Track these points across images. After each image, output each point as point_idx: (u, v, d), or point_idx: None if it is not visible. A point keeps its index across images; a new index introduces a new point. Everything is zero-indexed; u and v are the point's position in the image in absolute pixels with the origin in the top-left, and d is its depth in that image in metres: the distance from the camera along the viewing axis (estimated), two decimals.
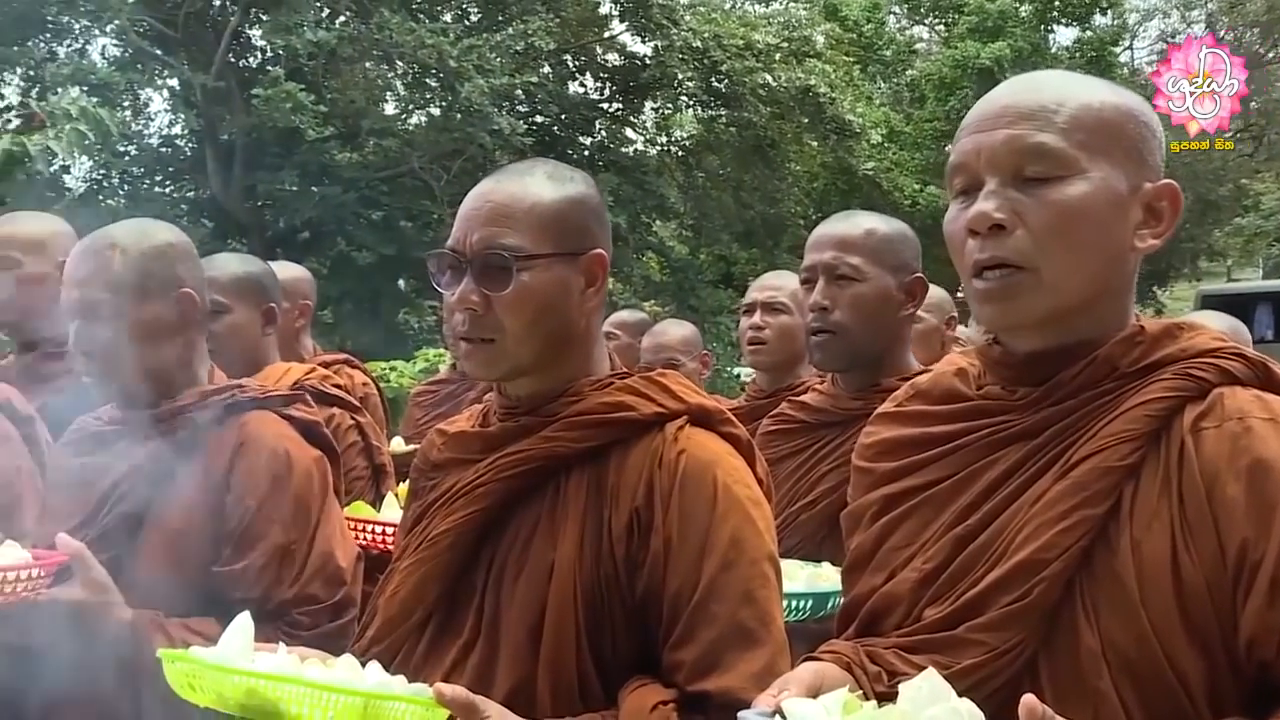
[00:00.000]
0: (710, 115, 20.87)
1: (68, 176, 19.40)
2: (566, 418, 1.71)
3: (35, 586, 1.96)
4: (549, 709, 1.60)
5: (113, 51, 19.90)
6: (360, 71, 19.84)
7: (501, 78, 17.45)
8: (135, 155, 20.04)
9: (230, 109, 18.56)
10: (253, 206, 19.00)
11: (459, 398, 4.94)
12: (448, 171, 18.91)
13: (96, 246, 2.23)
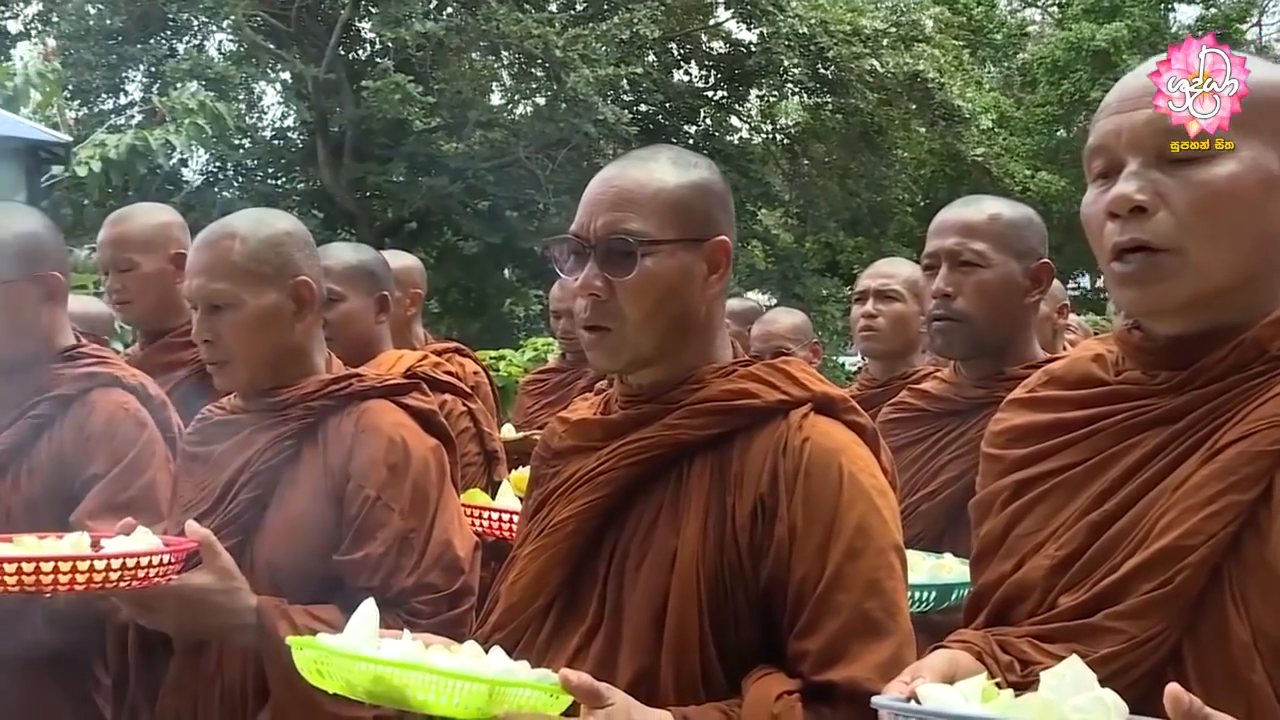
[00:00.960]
0: (816, 102, 20.69)
1: (185, 169, 19.91)
2: (689, 405, 1.70)
3: (166, 572, 2.00)
4: (672, 697, 1.59)
5: (229, 46, 20.40)
6: (467, 62, 20.02)
7: (607, 67, 17.50)
8: (249, 148, 20.50)
9: (340, 101, 18.89)
10: (361, 197, 19.32)
11: (568, 386, 4.97)
12: (553, 161, 19.03)
13: (216, 237, 2.27)
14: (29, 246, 2.56)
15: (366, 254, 3.28)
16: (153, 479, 2.49)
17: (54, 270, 2.59)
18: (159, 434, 2.56)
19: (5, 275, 2.51)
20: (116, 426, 2.50)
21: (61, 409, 2.52)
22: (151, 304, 3.37)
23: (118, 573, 1.94)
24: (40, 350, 2.57)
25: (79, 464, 2.47)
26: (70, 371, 2.56)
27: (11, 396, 2.54)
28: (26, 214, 2.69)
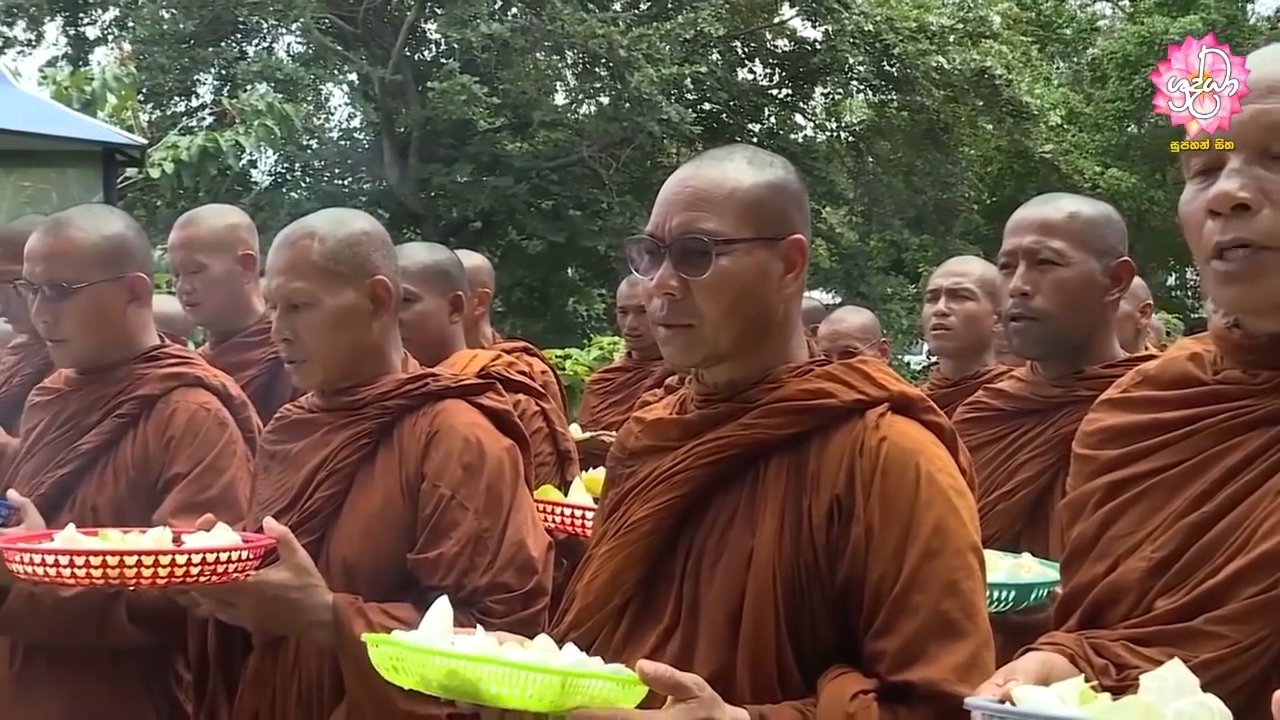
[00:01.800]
0: (881, 100, 20.56)
1: (254, 170, 20.19)
2: (766, 404, 1.70)
3: (244, 568, 2.02)
4: (748, 696, 1.59)
5: (297, 49, 20.67)
6: (531, 62, 20.12)
7: (671, 66, 17.52)
8: (316, 149, 20.75)
9: (406, 102, 19.07)
10: (427, 197, 19.48)
11: (634, 385, 4.97)
12: (616, 160, 19.08)
13: (295, 236, 2.29)
14: (115, 248, 2.60)
15: (441, 254, 3.30)
16: (233, 478, 2.52)
17: (139, 271, 2.63)
18: (240, 434, 2.59)
19: (92, 277, 2.55)
20: (198, 427, 2.54)
21: (145, 409, 2.56)
22: (220, 304, 3.42)
23: (198, 568, 1.97)
24: (125, 351, 2.62)
25: (162, 464, 2.51)
26: (154, 372, 2.60)
27: (98, 397, 2.59)
28: (112, 215, 2.73)
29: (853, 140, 22.04)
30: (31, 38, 20.02)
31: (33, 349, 3.59)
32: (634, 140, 18.67)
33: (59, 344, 2.59)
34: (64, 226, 2.60)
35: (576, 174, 19.75)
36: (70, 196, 7.96)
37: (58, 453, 2.57)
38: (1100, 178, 20.96)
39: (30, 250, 2.59)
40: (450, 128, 19.07)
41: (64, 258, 2.55)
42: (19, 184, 8.74)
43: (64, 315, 2.55)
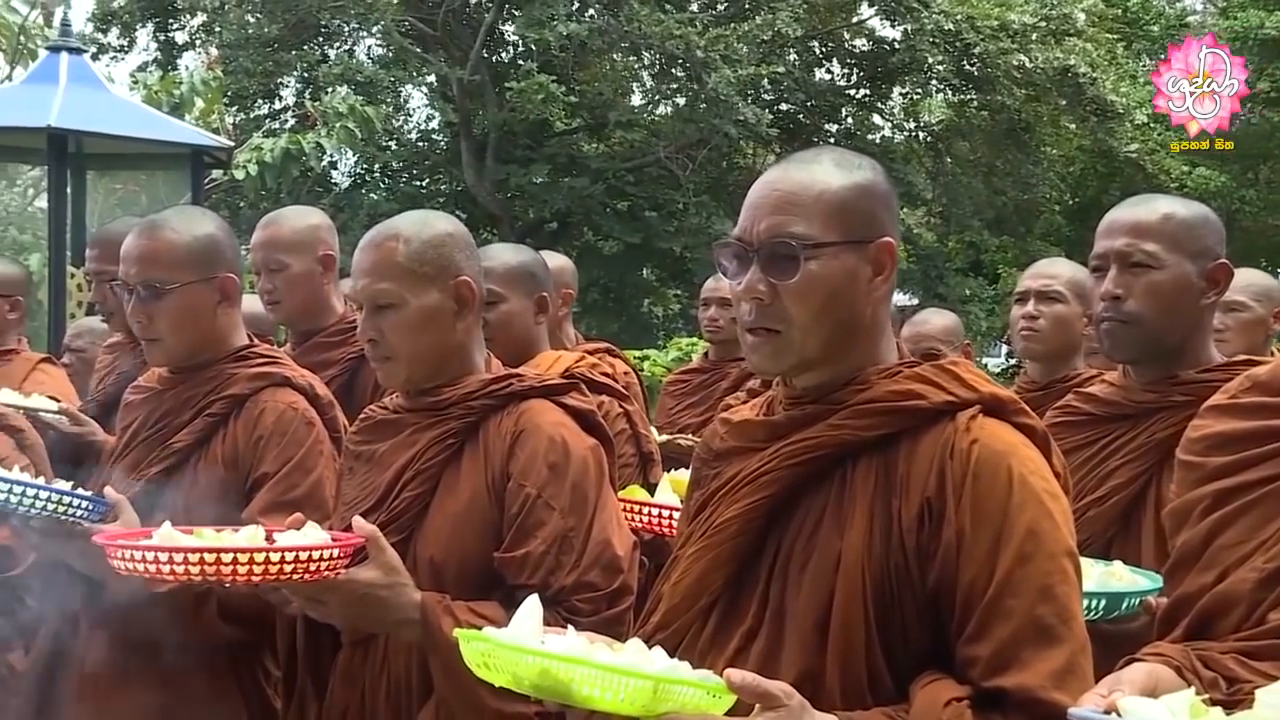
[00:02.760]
0: (961, 99, 20.32)
1: (334, 172, 20.45)
2: (854, 406, 1.68)
3: (334, 566, 2.05)
4: (837, 701, 1.58)
5: (377, 51, 20.88)
6: (608, 63, 20.18)
7: (748, 67, 17.46)
8: (395, 150, 20.96)
9: (484, 103, 19.20)
10: (504, 198, 19.59)
11: (711, 387, 4.96)
12: (693, 161, 19.05)
13: (381, 237, 2.31)
14: (206, 249, 2.64)
15: (526, 255, 3.32)
16: (320, 478, 2.55)
17: (229, 272, 2.67)
18: (326, 434, 2.62)
19: (184, 278, 2.59)
20: (286, 426, 2.57)
21: (235, 408, 2.60)
22: (300, 304, 3.47)
23: (290, 565, 2.00)
24: (216, 350, 2.66)
25: (250, 462, 2.55)
26: (243, 371, 2.64)
27: (189, 396, 2.63)
28: (203, 217, 2.77)
29: (931, 140, 21.81)
30: (124, 44, 20.46)
31: (128, 347, 3.67)
32: (710, 141, 18.63)
33: (152, 343, 2.64)
34: (157, 228, 2.65)
35: (652, 175, 19.75)
36: (159, 199, 8.14)
37: (151, 451, 2.62)
38: (1188, 177, 20.51)
39: (125, 252, 2.65)
40: (527, 129, 19.17)
41: (157, 259, 2.60)
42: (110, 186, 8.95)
43: (157, 315, 2.60)
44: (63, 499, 2.31)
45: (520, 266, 3.22)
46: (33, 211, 11.14)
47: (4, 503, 2.28)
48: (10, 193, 11.24)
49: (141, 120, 7.31)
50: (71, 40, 7.20)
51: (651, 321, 21.12)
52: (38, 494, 2.30)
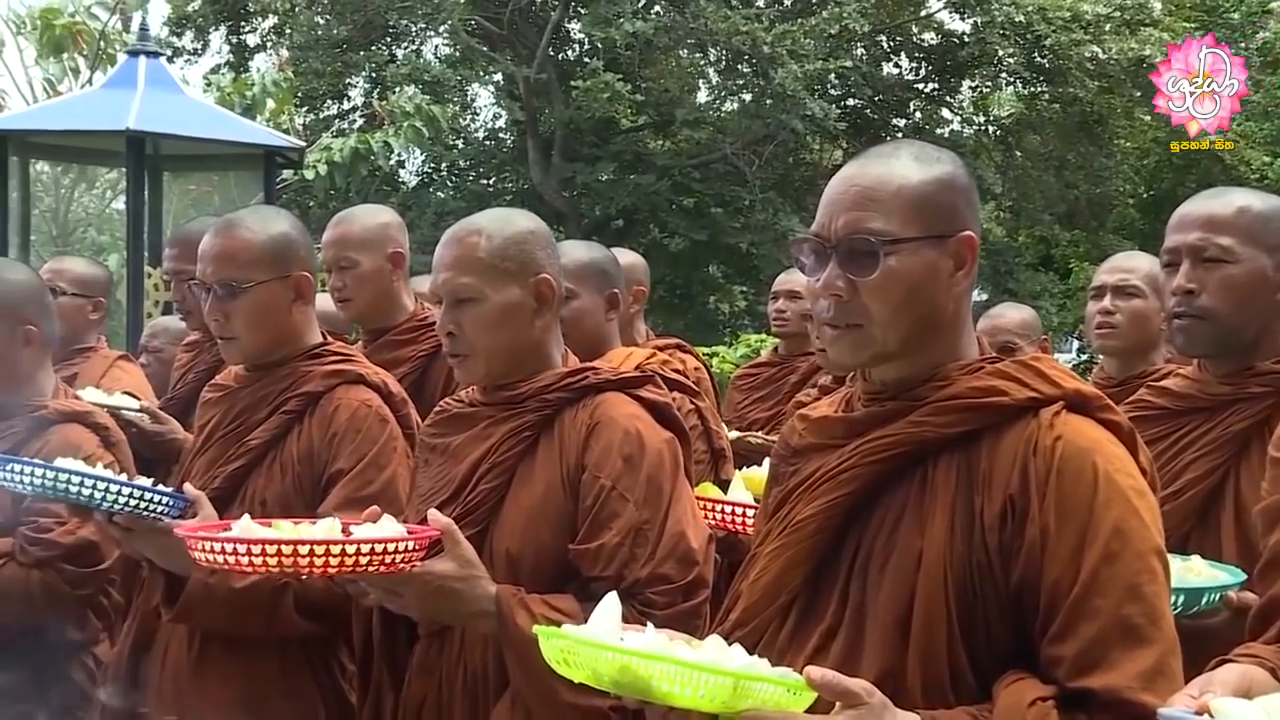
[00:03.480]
0: (1032, 92, 20.06)
1: (402, 171, 20.64)
2: (935, 402, 1.67)
3: (410, 558, 2.06)
4: (919, 700, 1.56)
5: (444, 51, 21.04)
6: (674, 60, 20.18)
7: (815, 62, 17.37)
8: (462, 148, 21.11)
9: (550, 101, 19.28)
10: (570, 196, 19.67)
11: (780, 381, 4.94)
12: (759, 157, 19.00)
13: (463, 233, 2.32)
14: (281, 248, 2.67)
15: (599, 252, 3.33)
16: (394, 475, 2.56)
17: (303, 271, 2.69)
18: (400, 431, 2.64)
19: (259, 276, 2.62)
20: (360, 423, 2.58)
21: (309, 405, 2.62)
22: (370, 301, 3.50)
23: (367, 557, 2.02)
24: (291, 348, 2.68)
25: (325, 459, 2.56)
26: (317, 369, 2.66)
27: (266, 393, 2.66)
28: (278, 216, 2.80)
29: (1001, 134, 21.55)
30: (197, 47, 20.83)
31: (205, 346, 3.73)
32: (777, 137, 18.56)
33: (229, 341, 2.67)
34: (233, 227, 2.68)
35: (719, 171, 19.71)
36: (231, 199, 8.26)
37: (229, 448, 2.65)
38: (1269, 168, 20.03)
39: (202, 251, 2.68)
40: (593, 126, 19.22)
41: (233, 258, 2.63)
42: (184, 187, 9.10)
43: (233, 314, 2.62)
44: (144, 495, 2.35)
45: (592, 263, 3.23)
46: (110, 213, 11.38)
47: (89, 499, 2.32)
48: (89, 195, 11.48)
49: (216, 122, 7.42)
50: (149, 44, 7.32)
51: (717, 318, 21.08)
52: (120, 490, 2.34)
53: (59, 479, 2.31)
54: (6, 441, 2.87)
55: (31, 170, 7.64)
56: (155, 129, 6.54)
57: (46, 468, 2.33)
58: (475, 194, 20.18)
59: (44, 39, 9.85)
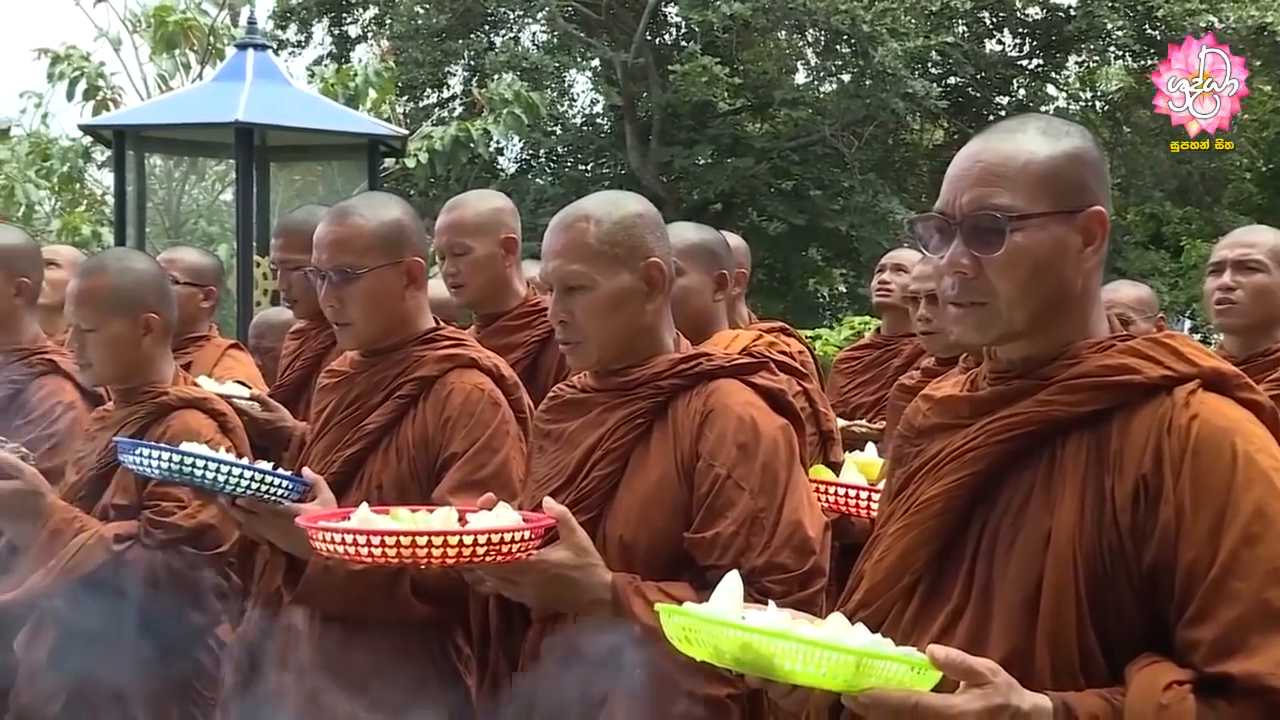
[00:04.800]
0: (1142, 65, 19.51)
1: (501, 158, 20.79)
2: (1064, 381, 1.63)
3: (525, 548, 2.06)
4: (1047, 681, 1.53)
5: (542, 37, 21.14)
6: (772, 42, 20.03)
7: (916, 40, 17.12)
8: (560, 135, 21.19)
9: (648, 85, 19.27)
10: (668, 180, 19.64)
11: (884, 364, 4.87)
12: (858, 139, 18.81)
13: (571, 219, 2.31)
14: (394, 234, 2.69)
15: (707, 233, 3.32)
16: (507, 458, 2.57)
17: (415, 256, 2.71)
18: (512, 414, 2.65)
19: (373, 262, 2.64)
20: (473, 407, 2.59)
21: (423, 390, 2.63)
22: (483, 287, 3.51)
23: (484, 548, 2.02)
24: (404, 333, 2.70)
25: (440, 443, 2.58)
26: (431, 353, 2.67)
27: (380, 378, 2.69)
28: (390, 202, 2.81)
29: (1109, 110, 21.04)
30: (301, 39, 21.21)
31: (311, 333, 3.79)
32: (877, 118, 18.35)
33: (344, 327, 2.70)
34: (347, 214, 2.70)
35: (817, 154, 19.54)
36: (335, 188, 8.38)
37: (345, 432, 2.68)
38: None
39: (317, 238, 2.71)
40: (691, 110, 19.16)
41: (347, 244, 2.65)
42: (290, 178, 9.26)
43: (348, 300, 2.65)
44: (265, 479, 2.39)
45: (701, 243, 3.22)
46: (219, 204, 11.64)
47: (213, 482, 2.37)
48: (199, 187, 11.75)
49: (321, 112, 7.53)
50: (256, 37, 7.44)
51: (817, 302, 20.95)
52: (243, 474, 2.38)
53: (185, 463, 2.36)
54: (130, 427, 2.95)
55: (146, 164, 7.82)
56: (263, 120, 6.65)
57: (173, 452, 2.39)
58: (573, 180, 20.26)
59: (157, 36, 10.09)
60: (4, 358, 3.40)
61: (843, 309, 19.41)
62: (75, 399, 3.35)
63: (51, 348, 3.47)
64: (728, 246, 3.35)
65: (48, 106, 10.82)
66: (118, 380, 3.07)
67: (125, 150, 7.01)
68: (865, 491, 2.93)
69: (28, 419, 3.29)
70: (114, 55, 10.77)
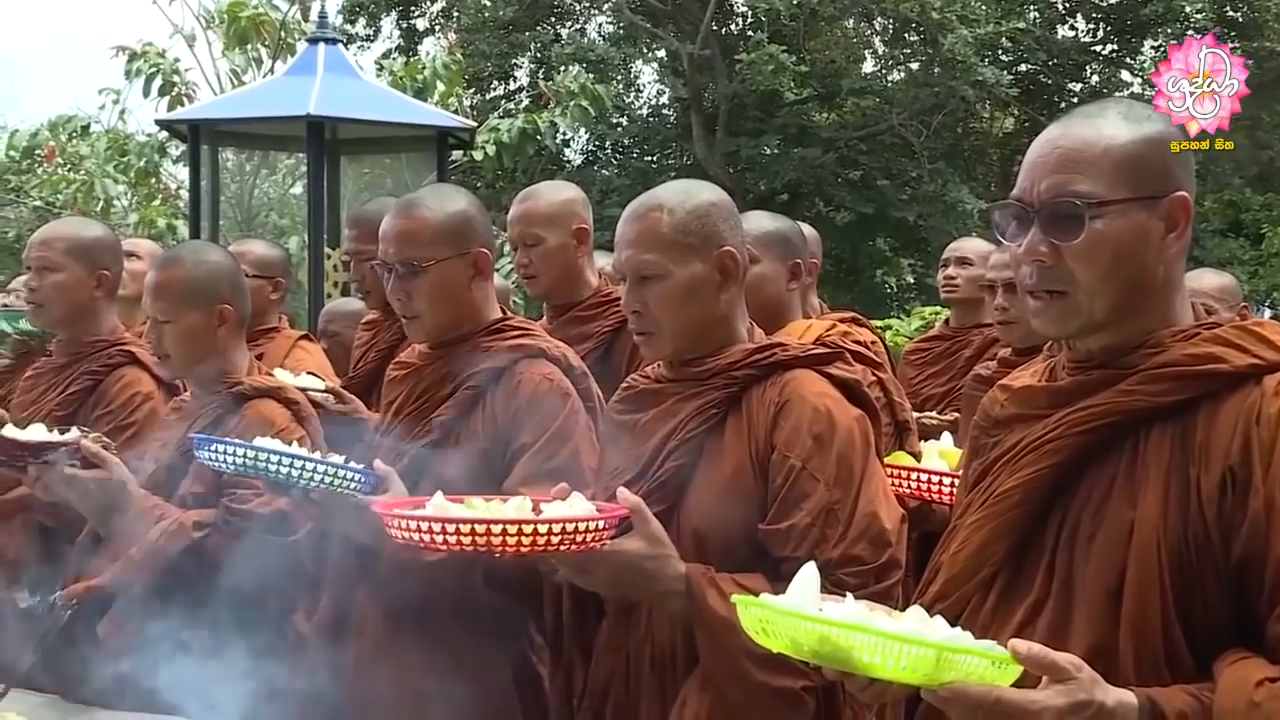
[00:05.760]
0: None
1: (567, 150, 20.83)
2: (1146, 370, 1.61)
3: (600, 537, 2.05)
4: (1131, 676, 1.51)
5: (608, 29, 21.14)
6: (839, 30, 19.87)
7: (986, 26, 16.89)
8: (626, 126, 21.18)
9: (714, 76, 19.21)
10: (735, 171, 19.57)
11: (954, 355, 4.81)
12: (927, 127, 18.63)
13: (644, 209, 2.30)
14: (460, 225, 2.68)
15: (783, 222, 3.30)
16: (576, 447, 2.56)
17: (482, 247, 2.71)
18: (581, 404, 2.64)
19: (440, 254, 2.64)
20: (542, 397, 2.59)
21: (492, 380, 2.63)
22: (556, 277, 3.51)
23: (558, 537, 2.02)
24: (472, 324, 2.70)
25: (509, 434, 2.57)
26: (499, 344, 2.67)
27: (449, 370, 2.69)
28: (456, 194, 2.81)
29: None
30: (369, 34, 21.43)
31: (384, 324, 3.81)
32: (946, 106, 18.14)
33: (412, 320, 2.70)
34: (413, 207, 2.70)
35: (885, 143, 19.38)
36: (403, 181, 8.44)
37: (415, 424, 2.68)
38: None
39: (383, 231, 2.71)
40: (757, 100, 19.08)
41: (414, 237, 2.65)
42: (359, 170, 9.34)
43: (415, 292, 2.65)
44: (338, 473, 2.40)
45: (776, 231, 3.20)
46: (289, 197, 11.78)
47: (286, 476, 2.38)
48: (270, 180, 11.90)
49: (391, 105, 7.58)
50: (328, 31, 7.51)
51: (884, 292, 20.76)
52: (316, 467, 2.39)
53: (258, 457, 2.38)
54: (206, 417, 2.98)
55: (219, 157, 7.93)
56: (334, 114, 6.71)
57: (246, 447, 2.40)
58: (639, 171, 20.25)
59: (230, 32, 10.23)
60: (84, 349, 3.46)
61: (910, 299, 19.21)
62: (153, 390, 3.39)
63: (129, 339, 3.52)
64: (803, 235, 3.33)
65: (125, 103, 11.02)
66: (194, 371, 3.11)
67: (200, 144, 7.11)
68: (948, 477, 2.90)
69: (107, 409, 3.33)
70: (188, 51, 10.94)
